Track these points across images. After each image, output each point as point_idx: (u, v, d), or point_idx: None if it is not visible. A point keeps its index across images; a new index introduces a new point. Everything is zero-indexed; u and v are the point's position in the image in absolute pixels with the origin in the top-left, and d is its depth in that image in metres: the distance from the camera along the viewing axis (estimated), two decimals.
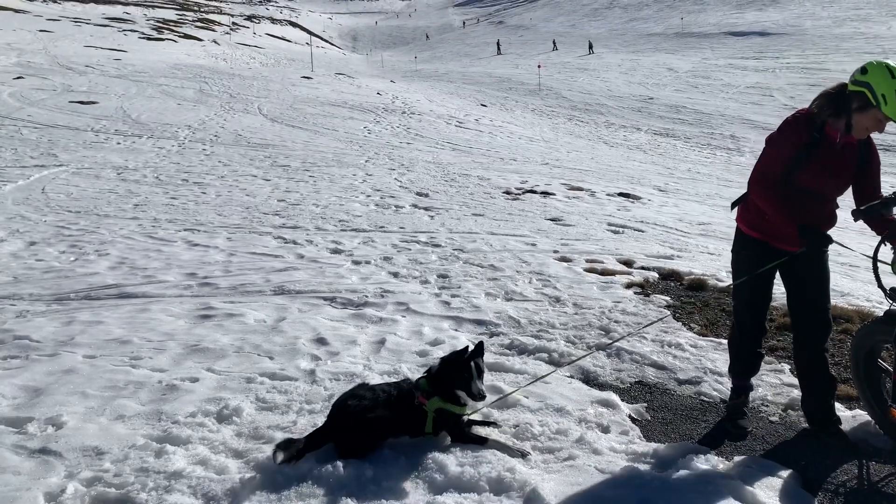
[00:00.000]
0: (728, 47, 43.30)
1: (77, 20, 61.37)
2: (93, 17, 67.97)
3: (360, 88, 30.76)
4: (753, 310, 3.53)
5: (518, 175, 12.98)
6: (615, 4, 78.33)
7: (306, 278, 6.23)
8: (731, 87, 31.80)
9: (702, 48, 44.64)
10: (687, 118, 26.76)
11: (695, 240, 8.30)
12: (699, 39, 47.92)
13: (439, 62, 59.21)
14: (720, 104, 28.50)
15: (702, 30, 51.23)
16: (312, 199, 10.25)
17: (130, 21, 69.34)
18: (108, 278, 6.28)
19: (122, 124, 18.14)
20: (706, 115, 26.92)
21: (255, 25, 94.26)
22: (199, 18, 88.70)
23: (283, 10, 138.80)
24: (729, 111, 27.09)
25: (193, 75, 30.76)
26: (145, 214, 9.20)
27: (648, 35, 55.29)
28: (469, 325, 4.94)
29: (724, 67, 36.81)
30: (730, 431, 3.43)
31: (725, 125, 25.12)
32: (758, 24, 48.29)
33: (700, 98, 30.22)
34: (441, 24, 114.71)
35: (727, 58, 39.82)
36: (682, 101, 29.57)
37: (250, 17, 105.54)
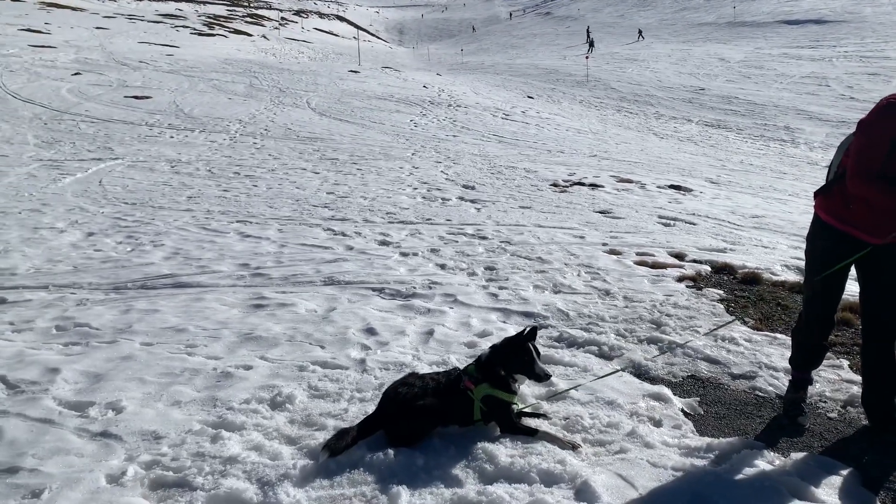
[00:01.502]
0: (782, 36, 42.08)
1: (131, 17, 62.90)
2: (146, 13, 69.55)
3: (406, 82, 30.85)
4: (826, 301, 3.41)
5: (565, 167, 12.87)
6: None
7: (355, 269, 6.29)
8: (786, 76, 30.91)
9: (755, 37, 43.47)
10: (739, 109, 26.11)
11: (748, 233, 8.11)
12: (752, 29, 46.67)
13: (485, 54, 58.96)
14: (774, 94, 27.73)
15: (755, 19, 49.89)
16: (360, 192, 10.33)
17: (182, 17, 70.73)
18: (163, 268, 6.44)
19: (174, 118, 18.54)
20: (759, 105, 26.22)
21: (303, 20, 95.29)
22: (249, 14, 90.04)
23: (330, 4, 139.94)
24: (783, 102, 26.34)
25: (243, 70, 31.25)
26: (198, 206, 9.40)
27: (699, 25, 54.08)
28: (517, 317, 4.92)
29: (778, 57, 35.79)
30: (787, 427, 3.35)
31: (779, 116, 24.44)
32: (814, 11, 46.79)
33: (753, 88, 29.45)
34: (487, 16, 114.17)
35: (781, 47, 38.71)
36: (735, 92, 28.86)
37: (299, 13, 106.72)
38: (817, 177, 14.78)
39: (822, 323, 3.45)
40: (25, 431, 3.31)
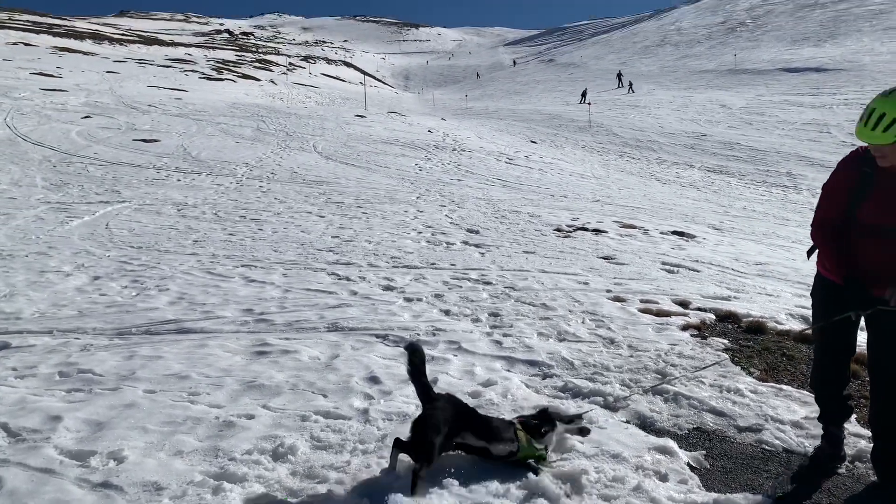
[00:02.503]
0: (783, 83, 42.66)
1: (142, 61, 64.06)
2: (156, 58, 70.89)
3: (411, 126, 31.22)
4: (831, 356, 3.43)
5: (569, 212, 12.94)
6: (666, 42, 78.21)
7: (359, 315, 6.29)
8: (787, 123, 31.23)
9: (756, 85, 44.06)
10: (741, 155, 26.32)
11: (752, 280, 8.11)
12: (753, 76, 47.35)
13: (489, 100, 59.80)
14: (776, 141, 27.98)
15: (755, 66, 50.64)
16: (365, 236, 10.38)
17: (192, 62, 72.04)
18: (167, 313, 6.45)
19: (182, 162, 18.75)
20: (761, 151, 26.44)
21: (311, 66, 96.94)
22: (258, 59, 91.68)
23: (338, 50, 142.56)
24: (785, 148, 26.56)
25: (251, 114, 31.68)
26: (204, 250, 9.45)
27: (701, 72, 54.90)
28: (521, 366, 4.90)
29: (779, 104, 36.22)
30: (795, 483, 3.31)
31: (781, 162, 24.62)
32: (814, 60, 47.51)
33: (755, 135, 29.73)
34: (492, 62, 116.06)
35: (782, 94, 39.20)
36: (736, 138, 29.13)
37: (307, 58, 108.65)
38: None
39: (832, 378, 3.45)
40: (26, 481, 3.28)
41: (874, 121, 2.97)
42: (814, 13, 68.01)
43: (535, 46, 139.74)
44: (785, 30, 64.60)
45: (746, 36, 67.55)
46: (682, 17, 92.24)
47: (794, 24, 65.68)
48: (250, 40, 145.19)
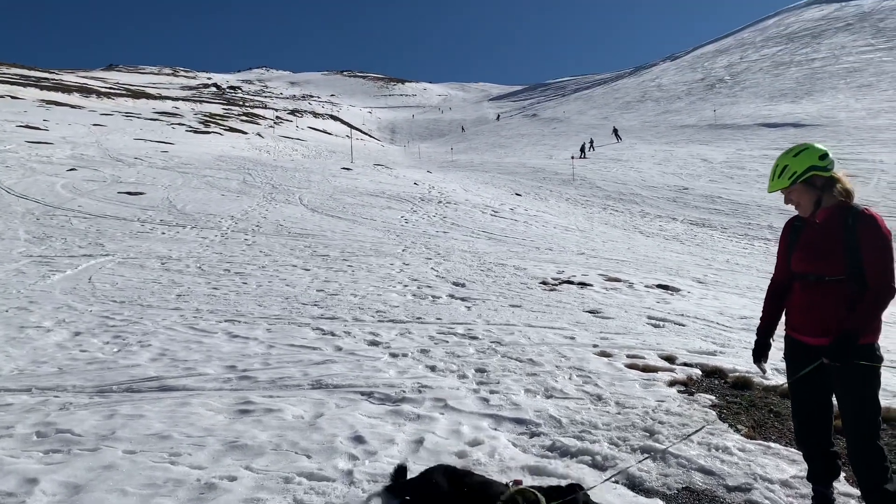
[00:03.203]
0: (762, 138, 43.55)
1: (129, 114, 64.53)
2: (144, 111, 71.47)
3: (397, 179, 31.49)
4: (805, 414, 3.46)
5: (554, 265, 13.00)
6: (647, 97, 79.93)
7: (344, 372, 6.23)
8: (767, 177, 31.78)
9: (735, 139, 44.95)
10: (723, 208, 26.70)
11: (737, 334, 8.12)
12: (733, 131, 48.33)
13: (475, 153, 60.52)
14: (756, 194, 28.43)
15: (735, 121, 51.74)
16: (350, 289, 10.35)
17: (179, 115, 72.66)
18: (149, 370, 6.35)
19: (167, 214, 18.74)
20: (742, 205, 26.84)
21: (298, 119, 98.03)
22: (245, 113, 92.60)
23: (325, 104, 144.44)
24: (766, 201, 26.97)
25: (237, 167, 31.85)
26: (187, 305, 9.37)
27: (681, 126, 55.99)
28: (509, 424, 4.85)
29: (758, 158, 36.92)
30: None
31: (762, 215, 24.98)
32: (791, 115, 48.64)
33: (735, 188, 30.22)
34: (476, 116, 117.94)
35: (762, 148, 39.99)
36: (718, 192, 29.59)
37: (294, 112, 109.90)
38: None
39: (808, 433, 3.46)
40: None
41: (778, 172, 3.41)
42: (790, 70, 69.96)
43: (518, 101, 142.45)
44: (762, 86, 66.26)
45: (725, 92, 69.21)
46: (663, 74, 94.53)
47: (772, 81, 67.43)
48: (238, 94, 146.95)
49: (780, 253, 3.63)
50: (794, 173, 3.31)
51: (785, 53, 79.23)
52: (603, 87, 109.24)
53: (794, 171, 3.31)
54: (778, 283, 3.63)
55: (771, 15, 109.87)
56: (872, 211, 3.21)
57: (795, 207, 3.43)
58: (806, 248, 3.37)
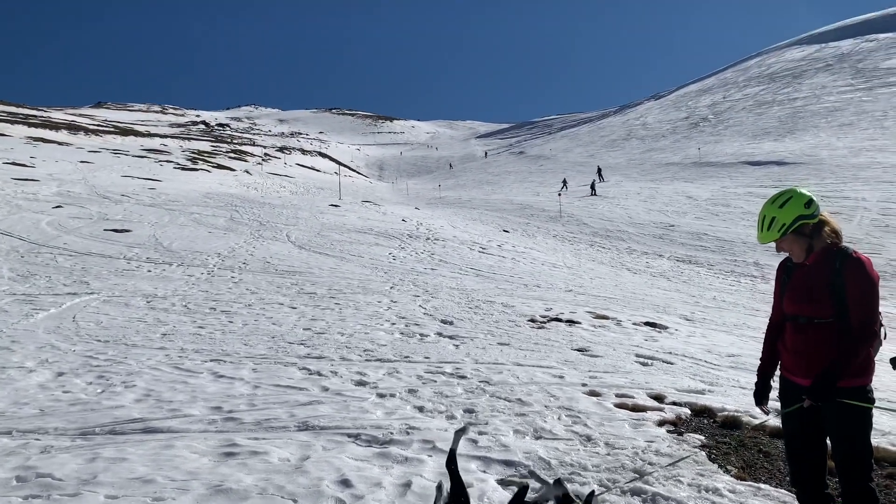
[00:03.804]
0: (746, 176, 44.10)
1: (116, 152, 64.55)
2: (131, 148, 71.52)
3: (385, 215, 31.56)
4: (795, 455, 3.46)
5: (542, 302, 13.00)
6: (632, 136, 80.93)
7: (330, 413, 6.16)
8: (752, 214, 32.10)
9: (720, 177, 45.50)
10: (709, 245, 26.90)
11: (725, 373, 8.13)
12: (717, 168, 48.93)
13: (462, 190, 60.86)
14: (741, 231, 28.69)
15: (719, 159, 52.42)
16: (338, 328, 10.29)
17: (167, 152, 72.75)
18: (133, 412, 6.26)
19: (153, 252, 18.64)
20: (728, 242, 27.06)
21: (286, 156, 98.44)
22: (233, 150, 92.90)
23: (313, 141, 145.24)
24: (751, 238, 27.20)
25: (225, 204, 31.84)
26: (172, 344, 9.27)
27: (666, 164, 56.64)
28: (497, 466, 4.80)
29: (743, 195, 37.34)
30: None
31: (748, 252, 25.17)
32: (774, 153, 49.34)
33: (721, 225, 30.50)
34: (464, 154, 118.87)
35: (746, 186, 40.47)
36: (704, 229, 29.84)
37: (282, 149, 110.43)
38: None
39: (799, 472, 3.45)
40: None
41: (767, 224, 3.42)
42: (772, 109, 71.16)
43: (505, 139, 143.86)
44: (746, 125, 67.31)
45: (709, 131, 70.23)
46: (647, 113, 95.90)
47: (755, 120, 68.52)
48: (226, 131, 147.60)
49: (776, 294, 3.68)
50: (782, 225, 3.35)
51: (767, 93, 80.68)
52: (589, 125, 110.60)
53: (782, 223, 3.35)
54: (775, 323, 3.66)
55: (753, 55, 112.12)
56: (860, 254, 3.25)
57: (789, 254, 3.49)
58: (796, 291, 3.42)
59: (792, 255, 3.46)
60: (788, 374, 3.46)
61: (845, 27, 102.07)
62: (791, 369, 3.43)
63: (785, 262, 3.63)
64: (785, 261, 3.63)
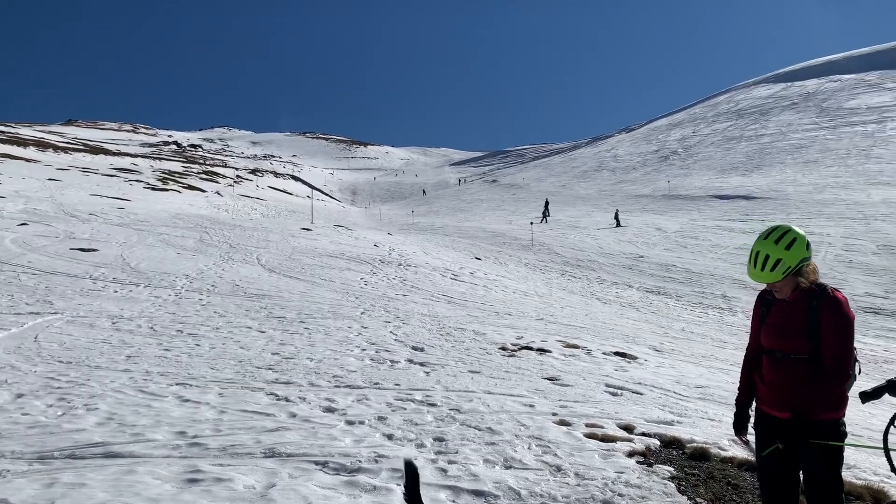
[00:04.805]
0: (714, 209, 44.88)
1: (86, 170, 63.69)
2: (101, 167, 70.62)
3: (357, 240, 31.47)
4: (769, 488, 3.47)
5: (513, 330, 13.00)
6: (603, 167, 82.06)
7: (298, 440, 6.06)
8: (720, 247, 32.64)
9: (689, 210, 46.24)
10: (678, 276, 27.22)
11: (694, 404, 8.18)
12: (686, 201, 49.76)
13: (435, 216, 61.03)
14: (710, 264, 29.11)
15: (688, 192, 53.33)
16: (307, 353, 10.17)
17: (137, 171, 71.97)
18: (94, 435, 6.09)
19: (120, 272, 18.33)
20: (696, 273, 27.41)
21: (258, 178, 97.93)
22: (204, 171, 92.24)
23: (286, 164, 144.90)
24: (719, 271, 27.62)
25: (194, 225, 31.51)
26: (137, 367, 9.07)
27: (636, 196, 57.45)
28: (467, 497, 4.75)
29: (711, 228, 37.96)
30: None
31: (716, 284, 25.52)
32: (742, 188, 50.35)
33: (689, 257, 30.91)
34: (437, 181, 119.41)
35: (714, 219, 41.17)
36: (672, 260, 30.22)
37: (254, 171, 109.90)
38: None
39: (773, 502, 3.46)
40: None
41: (761, 262, 3.34)
42: (740, 145, 72.73)
43: (479, 167, 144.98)
44: (714, 159, 68.66)
45: (679, 164, 71.51)
46: (618, 145, 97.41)
47: (723, 155, 69.94)
48: (198, 152, 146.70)
49: (753, 326, 3.69)
50: (788, 268, 3.29)
51: (735, 129, 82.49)
52: (561, 155, 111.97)
53: (788, 265, 3.29)
54: (751, 355, 3.67)
55: (722, 91, 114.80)
56: (838, 293, 3.29)
57: (774, 291, 3.45)
58: (774, 326, 3.44)
59: (778, 292, 3.43)
60: (764, 407, 3.49)
61: (810, 67, 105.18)
62: (767, 402, 3.46)
63: (763, 294, 3.62)
64: (763, 293, 3.62)
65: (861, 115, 71.33)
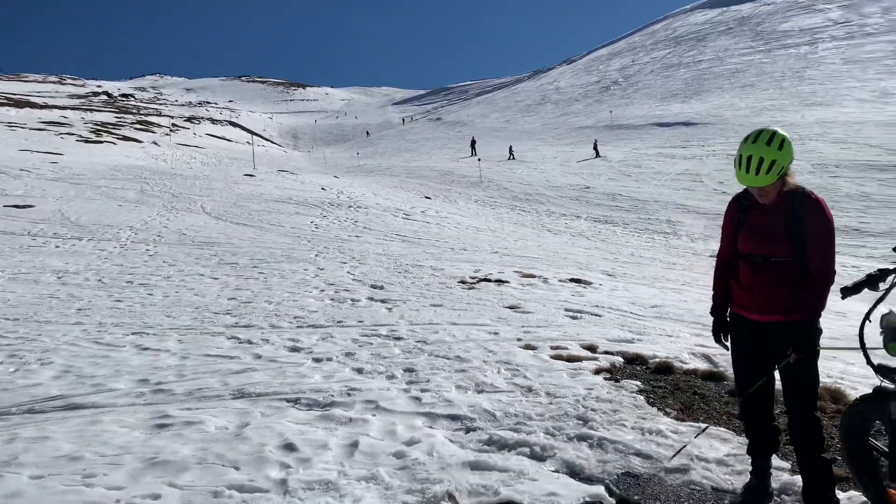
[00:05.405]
0: (656, 137, 45.46)
1: (12, 125, 60.49)
2: (28, 121, 67.09)
3: (303, 184, 30.90)
4: (739, 384, 3.54)
5: (470, 264, 13.03)
6: (546, 100, 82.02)
7: (266, 379, 5.98)
8: (663, 174, 33.19)
9: (631, 139, 46.73)
10: (623, 205, 27.65)
11: (651, 322, 8.36)
12: (628, 131, 50.24)
13: (381, 157, 60.32)
14: (654, 191, 29.61)
15: (630, 122, 53.80)
16: (265, 297, 10.01)
17: (67, 125, 68.75)
18: (52, 389, 5.89)
19: (60, 227, 17.64)
20: (641, 201, 27.88)
21: (195, 126, 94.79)
22: (139, 121, 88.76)
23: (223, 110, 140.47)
24: (662, 197, 28.14)
25: (134, 176, 30.43)
26: (90, 319, 8.79)
27: (580, 128, 57.72)
28: (443, 421, 4.77)
29: (654, 156, 38.49)
30: None
31: (661, 210, 26.03)
32: (682, 115, 51.03)
33: (634, 186, 31.38)
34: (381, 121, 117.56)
35: (656, 147, 41.72)
36: (618, 189, 30.64)
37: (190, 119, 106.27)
38: (703, 265, 15.64)
39: (753, 407, 3.53)
40: None
41: (755, 166, 3.16)
42: (679, 72, 73.41)
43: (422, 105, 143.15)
44: (654, 87, 69.26)
45: (620, 94, 71.93)
46: (560, 78, 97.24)
47: (663, 83, 70.57)
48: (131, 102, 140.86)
49: (726, 231, 3.60)
50: (782, 168, 3.17)
51: (673, 56, 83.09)
52: (504, 90, 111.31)
53: (782, 166, 3.16)
54: (724, 260, 3.62)
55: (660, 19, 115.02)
56: (818, 196, 3.27)
57: (758, 196, 3.32)
58: (753, 230, 3.38)
59: (763, 196, 3.30)
60: (742, 311, 3.49)
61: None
62: (745, 306, 3.46)
63: (738, 199, 3.54)
64: (738, 198, 3.55)
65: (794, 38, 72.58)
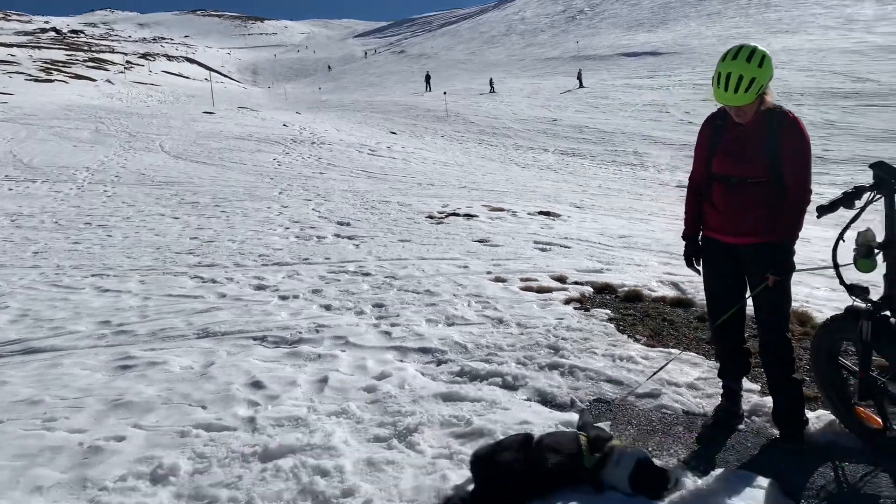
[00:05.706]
0: (623, 68, 45.08)
1: None
2: None
3: (264, 121, 30.14)
4: (718, 312, 3.49)
5: (438, 199, 12.89)
6: (512, 31, 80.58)
7: (231, 318, 5.86)
8: (629, 105, 33.02)
9: (598, 70, 46.27)
10: (591, 137, 27.51)
11: (619, 252, 8.36)
12: (595, 62, 49.71)
13: (344, 92, 59.06)
14: (621, 122, 29.49)
15: (596, 52, 53.20)
16: (227, 235, 9.80)
17: (16, 63, 65.84)
18: (9, 333, 5.71)
19: (12, 169, 17.02)
20: (608, 133, 27.76)
21: (150, 63, 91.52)
22: (91, 58, 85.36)
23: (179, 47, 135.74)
24: (629, 129, 28.04)
25: (88, 115, 29.38)
26: (47, 262, 8.52)
27: (546, 59, 56.96)
28: (414, 355, 4.72)
29: (620, 87, 38.22)
30: (700, 443, 3.35)
31: (627, 142, 25.96)
32: (649, 44, 50.56)
33: (601, 117, 31.19)
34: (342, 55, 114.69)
35: (623, 78, 41.40)
36: (585, 122, 30.43)
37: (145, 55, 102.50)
38: (671, 196, 15.71)
39: (725, 329, 3.50)
40: None
41: (734, 84, 3.01)
42: (645, 1, 72.40)
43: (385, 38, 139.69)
44: (621, 17, 68.38)
45: (586, 24, 70.91)
46: (525, 7, 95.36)
47: (629, 12, 69.68)
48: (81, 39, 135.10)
49: (699, 153, 3.46)
50: (761, 86, 3.03)
51: None
52: (469, 21, 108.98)
53: (761, 83, 3.01)
54: (697, 183, 3.49)
55: None
56: (795, 115, 3.16)
57: (735, 115, 3.19)
58: (729, 151, 3.26)
59: (740, 116, 3.17)
60: (716, 234, 3.41)
61: None
62: (719, 229, 3.38)
63: (712, 119, 3.40)
64: (712, 118, 3.40)
65: None
